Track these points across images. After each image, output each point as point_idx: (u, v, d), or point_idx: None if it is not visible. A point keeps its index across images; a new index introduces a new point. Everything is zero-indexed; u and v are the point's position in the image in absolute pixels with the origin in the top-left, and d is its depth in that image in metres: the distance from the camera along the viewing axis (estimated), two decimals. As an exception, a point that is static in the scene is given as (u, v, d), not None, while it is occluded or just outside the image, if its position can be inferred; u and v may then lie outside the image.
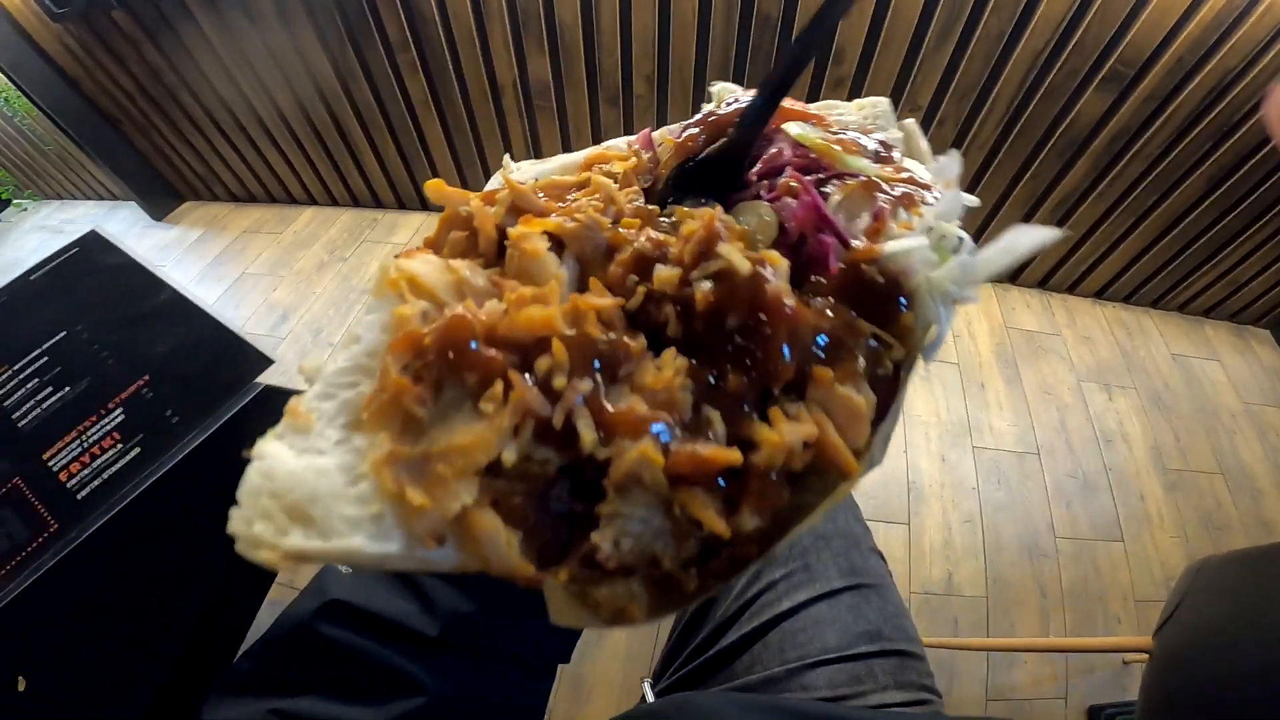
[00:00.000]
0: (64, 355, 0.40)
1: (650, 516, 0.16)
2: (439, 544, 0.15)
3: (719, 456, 0.15)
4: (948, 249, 0.18)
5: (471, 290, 0.17)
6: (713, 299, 0.16)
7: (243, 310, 1.79)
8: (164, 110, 1.94)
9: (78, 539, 0.34)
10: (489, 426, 0.15)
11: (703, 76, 1.44)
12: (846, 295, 0.18)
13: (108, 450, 0.35)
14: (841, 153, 0.21)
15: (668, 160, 0.24)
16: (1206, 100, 1.25)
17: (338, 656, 0.27)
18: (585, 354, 0.16)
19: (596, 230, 0.18)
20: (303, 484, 0.15)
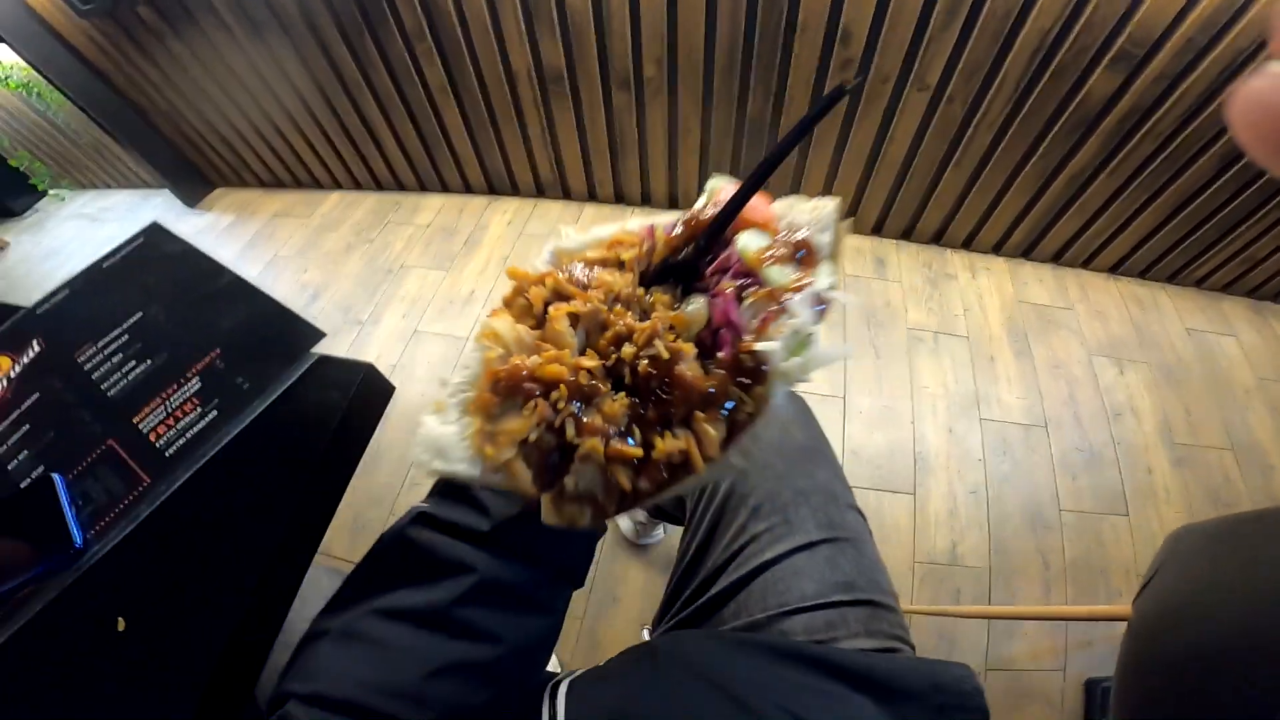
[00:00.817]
0: (142, 333, 0.46)
1: (594, 475, 0.29)
2: (496, 474, 0.29)
3: (631, 452, 0.28)
4: (802, 345, 0.30)
5: (525, 346, 0.31)
6: (649, 369, 0.29)
7: (276, 291, 1.81)
8: (191, 100, 2.00)
9: (168, 491, 0.40)
10: (525, 421, 0.29)
11: (712, 57, 1.46)
12: (732, 368, 0.29)
13: (189, 414, 0.41)
14: (766, 264, 0.32)
15: (659, 250, 0.35)
16: (1219, 80, 1.24)
17: (419, 553, 0.36)
18: (577, 390, 0.29)
19: (598, 314, 0.31)
20: (442, 439, 0.30)
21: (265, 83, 1.86)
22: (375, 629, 0.34)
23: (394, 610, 0.34)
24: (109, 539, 0.40)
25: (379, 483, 1.40)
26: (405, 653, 0.33)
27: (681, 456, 0.28)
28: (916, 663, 0.47)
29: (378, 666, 0.32)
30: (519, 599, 0.36)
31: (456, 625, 0.34)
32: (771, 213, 0.35)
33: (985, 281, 1.74)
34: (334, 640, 0.34)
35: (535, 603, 0.38)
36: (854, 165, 1.64)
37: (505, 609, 0.36)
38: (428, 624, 0.33)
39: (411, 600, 0.34)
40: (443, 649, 0.33)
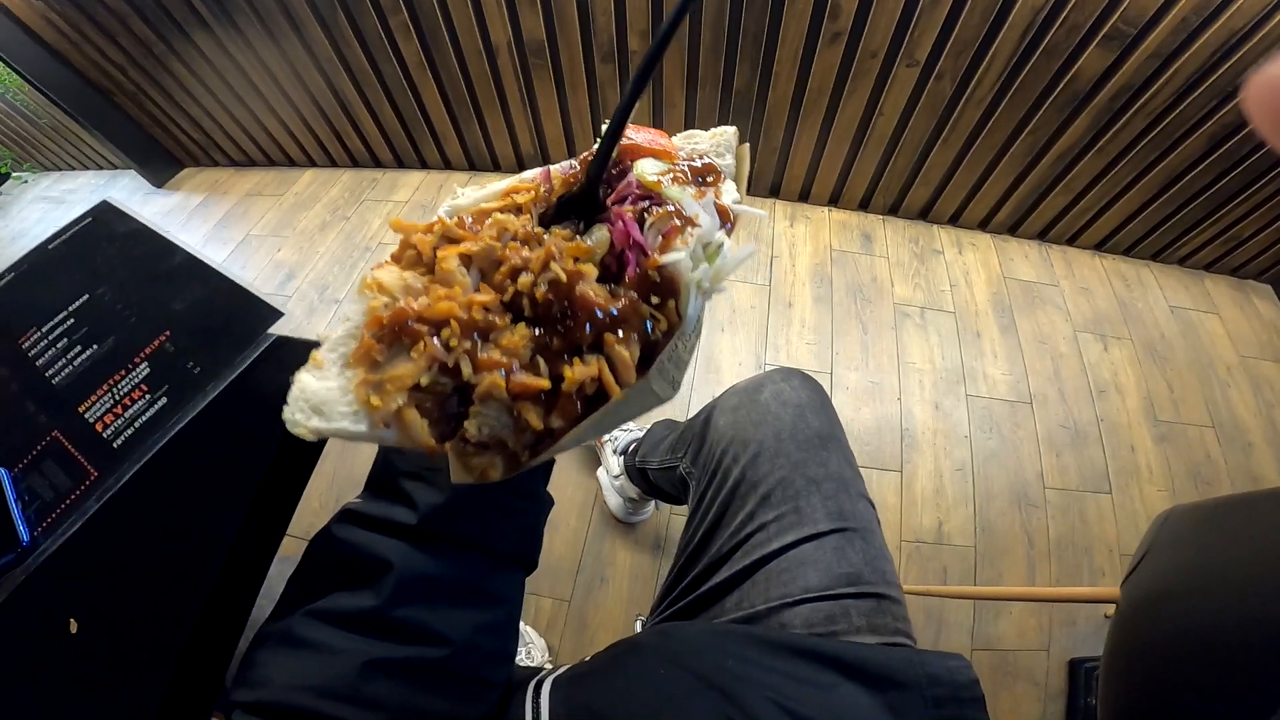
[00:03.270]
0: (89, 316, 0.43)
1: (500, 416, 0.27)
2: (386, 427, 0.26)
3: (535, 383, 0.26)
4: (712, 256, 0.28)
5: (413, 290, 0.29)
6: (546, 295, 0.27)
7: (249, 271, 1.81)
8: (156, 80, 1.93)
9: (116, 485, 0.37)
10: (414, 365, 0.26)
11: (698, 29, 1.42)
12: (640, 288, 0.28)
13: (137, 401, 0.38)
14: (663, 187, 0.31)
15: (557, 190, 0.33)
16: (1211, 60, 1.23)
17: (346, 552, 0.34)
18: (471, 326, 0.27)
19: (491, 252, 0.29)
20: (320, 394, 0.27)
21: (234, 61, 1.79)
22: (311, 632, 0.32)
23: (326, 612, 0.33)
24: (57, 536, 0.37)
25: (360, 465, 1.37)
26: (342, 655, 0.31)
27: (594, 384, 0.26)
28: (911, 654, 0.46)
29: (317, 670, 0.31)
30: (459, 592, 0.35)
31: (392, 624, 0.32)
32: (670, 144, 0.34)
33: (971, 257, 1.74)
34: (273, 645, 0.33)
35: (479, 594, 0.36)
36: (841, 140, 1.62)
37: (444, 603, 0.34)
38: (360, 625, 0.32)
39: (342, 602, 0.33)
40: (379, 649, 0.32)
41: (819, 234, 1.77)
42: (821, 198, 1.82)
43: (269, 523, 0.43)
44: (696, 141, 0.35)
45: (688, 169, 0.32)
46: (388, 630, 0.32)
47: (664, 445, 0.87)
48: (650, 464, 0.91)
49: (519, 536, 0.38)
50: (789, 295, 1.62)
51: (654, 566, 1.21)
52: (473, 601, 0.35)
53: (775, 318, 1.58)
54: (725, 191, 0.32)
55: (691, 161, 0.33)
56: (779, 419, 0.63)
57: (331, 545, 0.35)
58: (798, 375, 0.68)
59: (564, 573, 1.20)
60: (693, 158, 0.33)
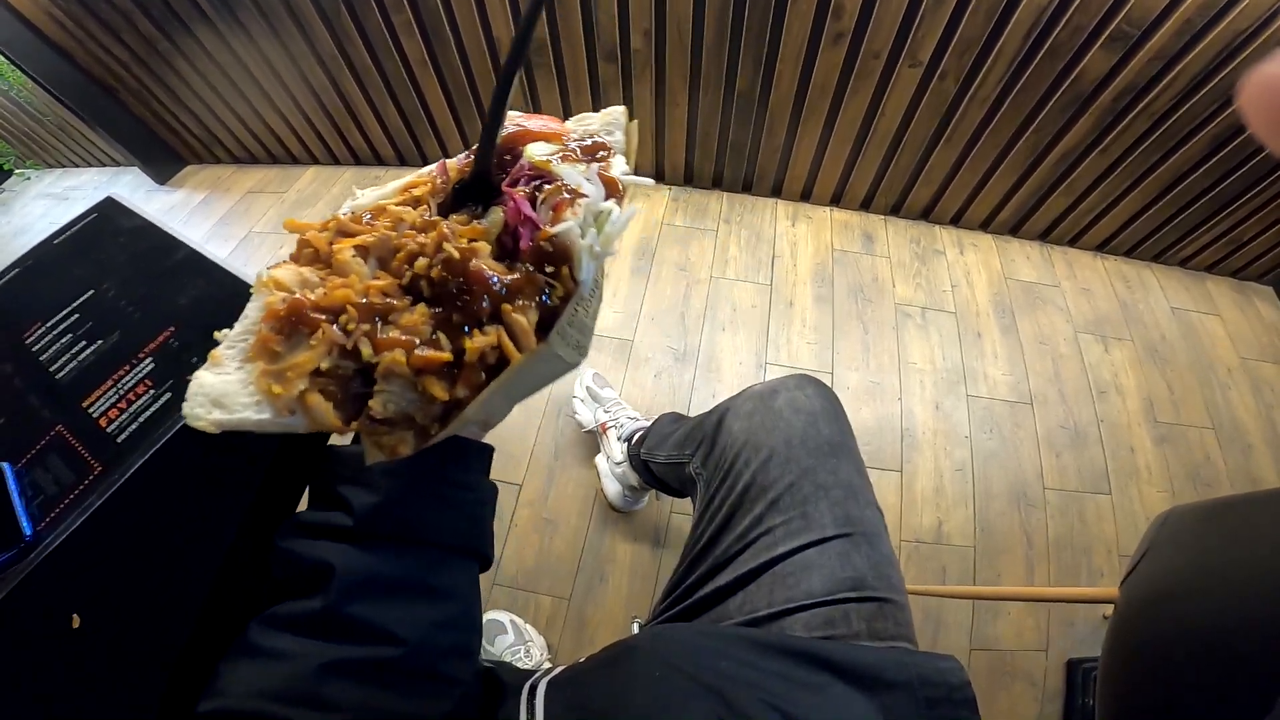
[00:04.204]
0: (93, 312, 0.43)
1: (405, 392, 0.28)
2: (291, 414, 0.28)
3: (437, 356, 0.27)
4: (601, 222, 0.30)
5: (310, 284, 0.30)
6: (442, 273, 0.28)
7: (251, 268, 1.75)
8: (160, 77, 1.93)
9: (120, 479, 0.37)
10: (314, 351, 0.28)
11: (701, 29, 1.42)
12: (535, 260, 0.29)
13: (141, 396, 0.38)
14: (553, 166, 0.32)
15: (454, 180, 0.34)
16: (1215, 61, 1.23)
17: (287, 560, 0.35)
18: (369, 310, 0.28)
19: (386, 241, 0.31)
20: (218, 387, 0.28)
21: (238, 58, 1.79)
22: (264, 639, 0.33)
23: (276, 618, 0.33)
24: (60, 531, 0.37)
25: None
26: (296, 659, 0.31)
27: (496, 353, 0.27)
28: (903, 654, 0.46)
29: (273, 675, 0.31)
30: (407, 588, 0.35)
31: (342, 624, 0.32)
32: (561, 127, 0.35)
33: (973, 258, 1.74)
34: (233, 657, 0.33)
35: (428, 589, 0.36)
36: (843, 140, 1.62)
37: (392, 601, 0.34)
38: (311, 628, 0.32)
39: (291, 607, 0.33)
40: (333, 650, 0.32)
41: (820, 234, 1.77)
42: (823, 197, 1.82)
43: (271, 518, 0.43)
44: (588, 123, 0.36)
45: (578, 148, 0.33)
46: (339, 631, 0.32)
47: (672, 440, 0.87)
48: (656, 457, 0.91)
49: (462, 528, 0.38)
50: (790, 295, 1.62)
51: (654, 564, 1.21)
52: (423, 597, 0.35)
53: (776, 317, 1.58)
54: (614, 165, 0.33)
55: (582, 141, 0.34)
56: (791, 425, 0.63)
57: (276, 556, 0.35)
58: (813, 383, 0.69)
59: (563, 571, 1.20)
60: (584, 138, 0.34)
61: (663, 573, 1.20)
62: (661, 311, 1.60)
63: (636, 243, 1.75)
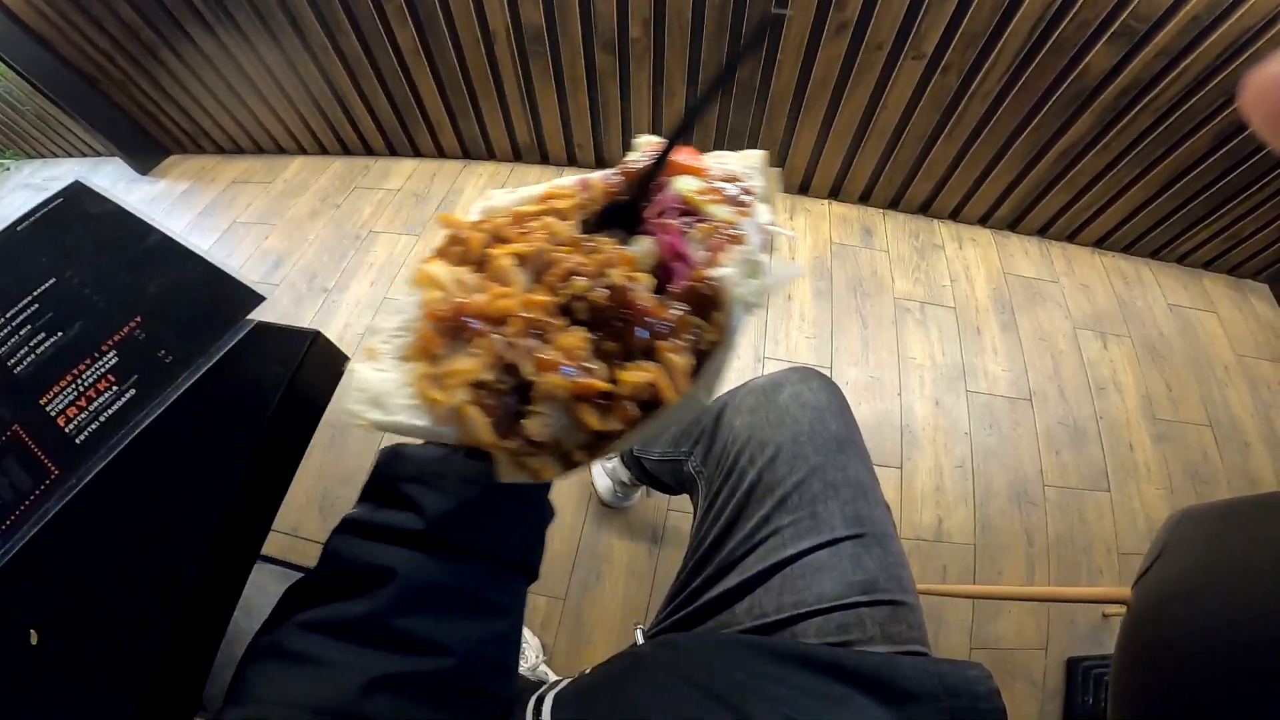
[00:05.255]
0: (55, 301, 0.40)
1: (559, 417, 0.27)
2: (446, 423, 0.27)
3: (596, 385, 0.26)
4: (755, 272, 0.29)
5: (466, 286, 0.30)
6: (603, 300, 0.28)
7: (235, 259, 1.77)
8: (143, 66, 1.88)
9: (79, 485, 0.34)
10: (477, 361, 0.27)
11: (701, 19, 1.39)
12: (688, 299, 0.28)
13: (103, 393, 0.35)
14: (706, 203, 0.31)
15: (597, 199, 0.33)
16: (1220, 59, 1.21)
17: (344, 562, 0.32)
18: (530, 326, 0.27)
19: (543, 253, 0.30)
20: (378, 385, 0.28)
21: (224, 47, 1.74)
22: (304, 644, 0.30)
23: (321, 623, 0.31)
24: (15, 542, 0.34)
25: (348, 459, 1.34)
26: (338, 668, 0.29)
27: (651, 390, 0.27)
28: (928, 664, 0.44)
29: (311, 685, 0.29)
30: (463, 602, 0.33)
31: (392, 635, 0.30)
32: (703, 162, 0.35)
33: (972, 253, 1.72)
34: (263, 660, 0.31)
35: (484, 604, 0.34)
36: (843, 133, 1.59)
37: (447, 614, 0.32)
38: (359, 636, 0.30)
39: (340, 612, 0.31)
40: (378, 661, 0.29)
41: (819, 227, 1.75)
42: (822, 190, 1.80)
43: (249, 523, 0.40)
44: (726, 161, 0.35)
45: (724, 188, 0.33)
46: (387, 641, 0.30)
47: (665, 436, 0.84)
48: (649, 454, 0.88)
49: (526, 545, 0.37)
50: (789, 289, 1.60)
51: (651, 563, 1.18)
52: (477, 612, 0.33)
53: (775, 311, 1.55)
54: (761, 213, 0.32)
55: (725, 181, 0.33)
56: (798, 421, 0.60)
57: (330, 558, 0.33)
58: (817, 377, 0.66)
59: (559, 570, 1.17)
60: (725, 177, 0.33)
61: (660, 572, 1.18)
62: (657, 306, 1.57)
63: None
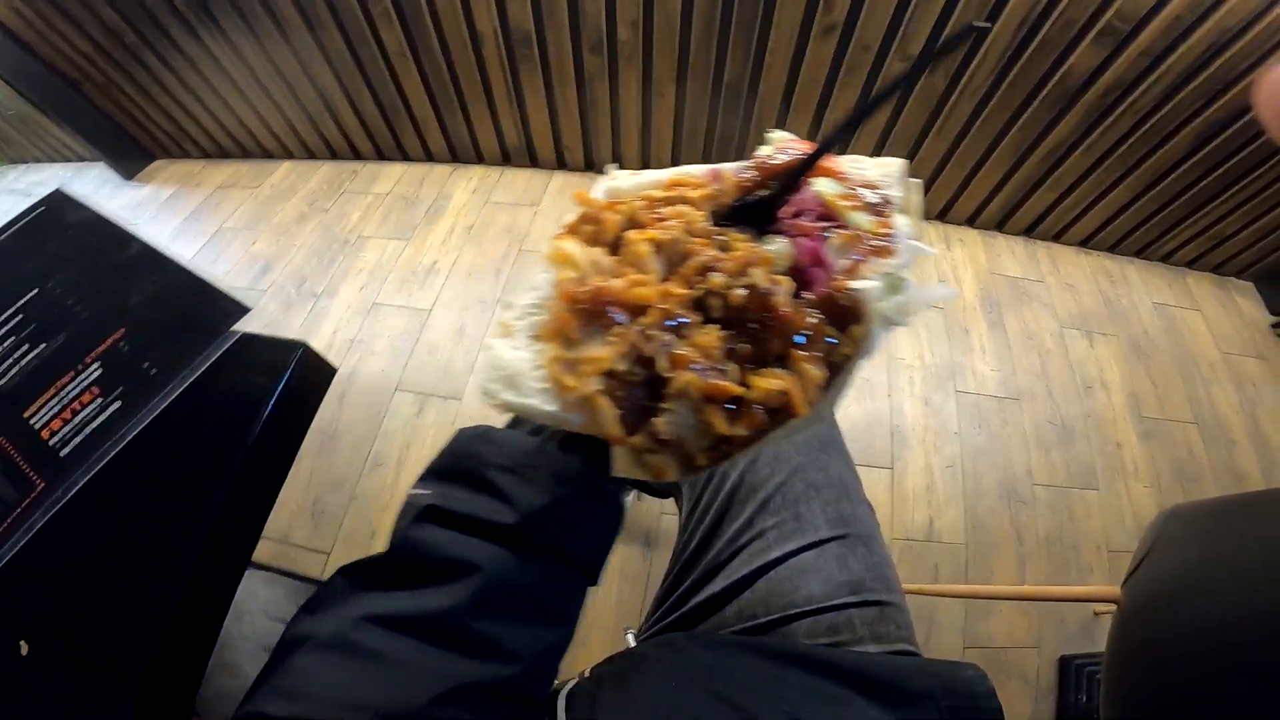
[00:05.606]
0: (38, 312, 0.39)
1: (687, 416, 0.26)
2: (574, 411, 0.27)
3: (729, 388, 0.25)
4: (897, 288, 0.27)
5: (602, 268, 0.29)
6: (742, 299, 0.27)
7: (222, 264, 1.75)
8: (126, 70, 1.85)
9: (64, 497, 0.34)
10: (612, 349, 0.26)
11: (689, 19, 1.39)
12: (825, 308, 0.27)
13: (88, 405, 0.35)
14: (847, 209, 0.30)
15: (728, 191, 0.32)
16: (1202, 59, 1.23)
17: (422, 553, 0.30)
18: (666, 318, 0.27)
19: (679, 242, 0.29)
20: (513, 365, 0.27)
21: (208, 50, 1.72)
22: (372, 640, 0.27)
23: (393, 618, 0.28)
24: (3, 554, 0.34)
25: (339, 465, 1.33)
26: (409, 670, 0.27)
27: (782, 398, 0.25)
28: (924, 664, 0.45)
29: (378, 686, 0.26)
30: (538, 606, 0.31)
31: (469, 638, 0.28)
32: (839, 165, 0.34)
33: (960, 253, 1.74)
34: (320, 651, 0.28)
35: (555, 610, 0.32)
36: (831, 136, 1.60)
37: (522, 619, 0.30)
38: (434, 636, 0.28)
39: (415, 606, 0.28)
40: (453, 667, 0.27)
41: (808, 229, 1.75)
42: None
43: (238, 533, 0.40)
44: (863, 167, 0.34)
45: (863, 195, 0.31)
46: (463, 643, 0.28)
47: None
48: None
49: (600, 550, 0.35)
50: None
51: (644, 566, 1.18)
52: (548, 618, 0.32)
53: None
54: (900, 225, 0.31)
55: (864, 187, 0.32)
56: None
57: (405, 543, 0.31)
58: None
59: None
60: (864, 184, 0.32)
61: (653, 574, 1.18)
62: (648, 309, 1.57)
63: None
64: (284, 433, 0.39)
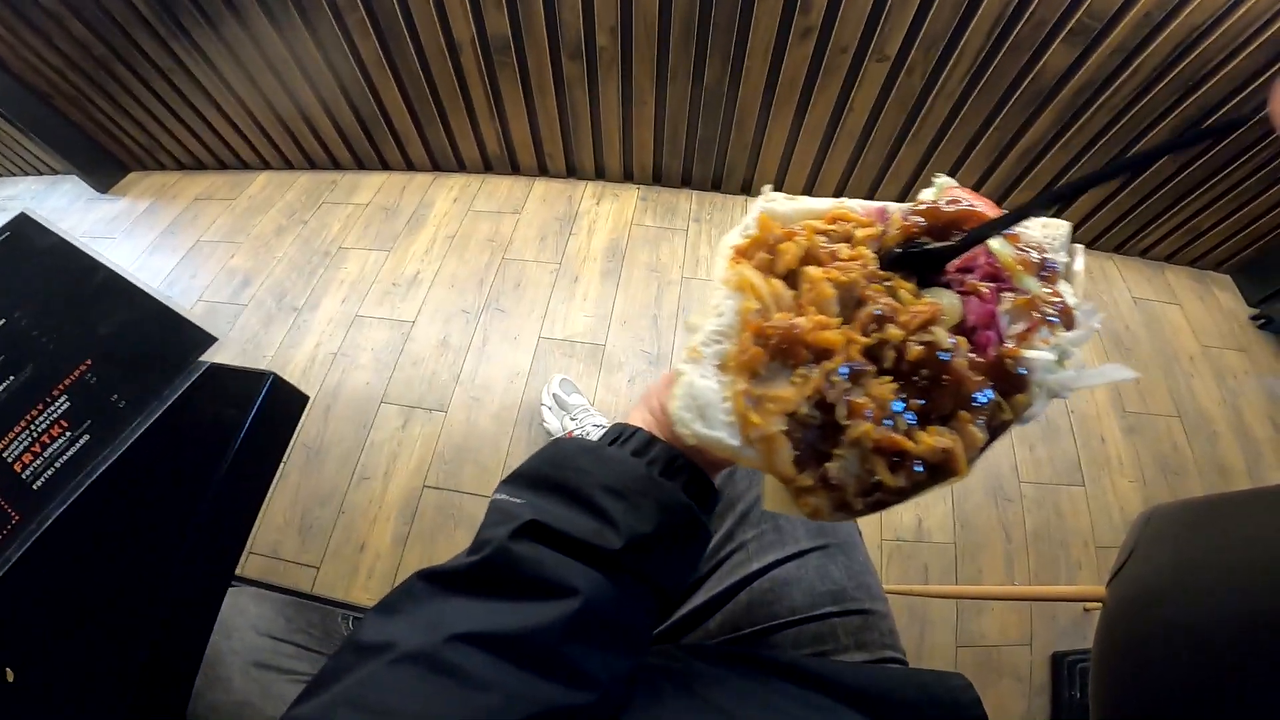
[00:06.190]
0: (5, 344, 0.38)
1: (855, 463, 0.26)
2: (752, 447, 0.27)
3: (901, 442, 0.25)
4: (1064, 360, 0.27)
5: (783, 304, 0.29)
6: (920, 355, 0.26)
7: (200, 279, 1.73)
8: (97, 83, 1.82)
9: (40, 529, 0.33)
10: (798, 391, 0.26)
11: (668, 25, 1.39)
12: (991, 373, 0.27)
13: (57, 439, 0.34)
14: (1021, 271, 0.29)
15: (893, 234, 0.32)
16: (1173, 55, 1.25)
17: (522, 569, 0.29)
18: (848, 364, 0.27)
19: (854, 287, 0.28)
20: (704, 395, 0.27)
21: (179, 61, 1.70)
22: (461, 658, 0.26)
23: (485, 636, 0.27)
24: (-21, 586, 0.33)
25: (326, 479, 1.32)
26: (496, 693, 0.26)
27: (944, 455, 0.25)
28: (911, 674, 0.45)
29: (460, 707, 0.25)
30: (625, 634, 0.30)
31: (559, 663, 0.27)
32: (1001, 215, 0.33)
33: (943, 254, 1.74)
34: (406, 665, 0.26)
35: (637, 638, 0.31)
36: (812, 136, 1.61)
37: (609, 646, 0.29)
38: (523, 658, 0.27)
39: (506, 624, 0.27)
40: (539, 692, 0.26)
41: (792, 232, 1.76)
42: (794, 194, 1.80)
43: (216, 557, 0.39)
44: (1027, 227, 0.33)
45: (1032, 256, 0.31)
46: (553, 668, 0.27)
47: None
48: None
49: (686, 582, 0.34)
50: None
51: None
52: (631, 648, 0.31)
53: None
54: (1067, 294, 0.30)
55: (1031, 250, 0.31)
56: None
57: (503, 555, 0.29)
58: None
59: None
60: (1033, 246, 0.31)
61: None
62: (633, 314, 1.57)
63: (606, 244, 1.72)
64: (256, 462, 0.38)
